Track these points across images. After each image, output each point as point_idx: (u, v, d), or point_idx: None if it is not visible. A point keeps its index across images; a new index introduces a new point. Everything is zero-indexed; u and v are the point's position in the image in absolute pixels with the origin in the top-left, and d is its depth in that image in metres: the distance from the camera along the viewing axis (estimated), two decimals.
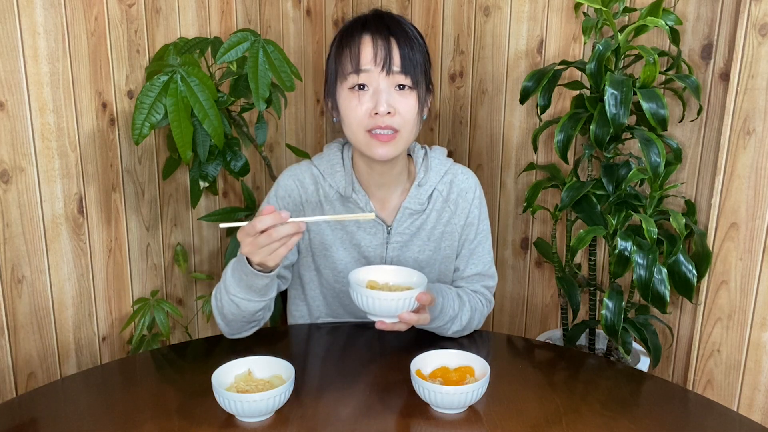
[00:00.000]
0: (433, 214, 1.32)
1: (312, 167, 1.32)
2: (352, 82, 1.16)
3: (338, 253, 1.31)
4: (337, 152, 1.31)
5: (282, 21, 2.18)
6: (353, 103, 1.16)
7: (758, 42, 1.57)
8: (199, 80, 1.49)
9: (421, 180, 1.30)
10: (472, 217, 1.34)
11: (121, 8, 1.63)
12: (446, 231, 1.33)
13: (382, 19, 1.18)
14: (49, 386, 1.10)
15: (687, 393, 1.20)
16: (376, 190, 1.30)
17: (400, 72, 1.15)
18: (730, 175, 1.66)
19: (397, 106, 1.16)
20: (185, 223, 1.93)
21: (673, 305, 1.91)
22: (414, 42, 1.18)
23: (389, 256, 1.31)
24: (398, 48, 1.14)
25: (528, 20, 1.97)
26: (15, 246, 1.47)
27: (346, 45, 1.17)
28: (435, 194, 1.32)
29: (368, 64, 1.14)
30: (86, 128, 1.59)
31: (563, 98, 1.96)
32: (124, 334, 1.77)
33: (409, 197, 1.29)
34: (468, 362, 1.08)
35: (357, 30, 1.17)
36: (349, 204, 1.28)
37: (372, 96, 1.15)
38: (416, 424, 1.00)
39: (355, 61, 1.14)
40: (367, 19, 1.19)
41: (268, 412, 1.00)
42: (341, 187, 1.28)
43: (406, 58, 1.15)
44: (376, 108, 1.14)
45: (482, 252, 1.36)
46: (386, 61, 1.13)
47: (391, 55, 1.14)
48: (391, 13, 1.21)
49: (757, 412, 1.73)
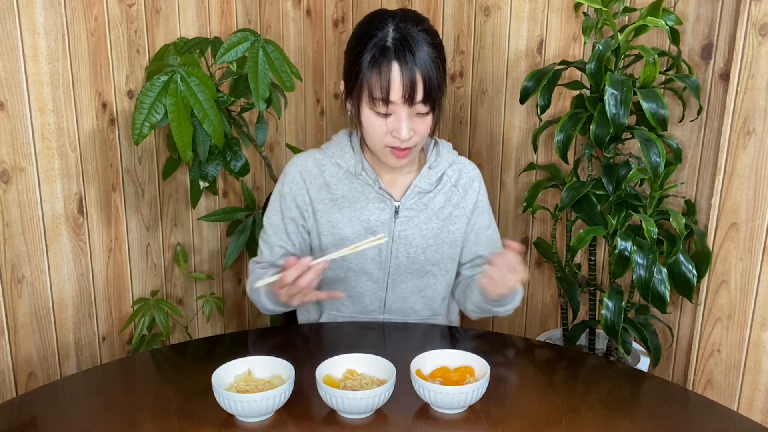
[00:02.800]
0: (441, 195, 1.37)
1: (315, 153, 1.38)
2: (378, 108, 1.22)
3: (346, 229, 1.33)
4: (345, 137, 1.38)
5: (282, 21, 2.18)
6: (376, 122, 1.24)
7: (758, 42, 1.57)
8: (199, 80, 1.49)
9: (432, 163, 1.37)
10: (482, 205, 1.42)
11: (121, 8, 1.63)
12: (454, 213, 1.37)
13: (408, 44, 1.20)
14: (49, 386, 1.10)
15: (687, 393, 1.20)
16: (385, 172, 1.36)
17: (422, 102, 1.21)
18: (730, 175, 1.66)
19: (416, 129, 1.24)
20: (185, 223, 1.93)
21: (673, 305, 1.91)
22: (437, 69, 1.22)
23: (396, 230, 1.34)
24: (422, 81, 1.19)
25: (528, 20, 1.97)
26: (15, 246, 1.47)
27: (375, 66, 1.20)
28: (444, 178, 1.38)
29: (396, 97, 1.20)
30: (86, 128, 1.59)
31: (563, 98, 1.96)
32: (124, 334, 1.77)
33: (420, 176, 1.35)
34: (468, 362, 1.08)
35: (386, 56, 1.19)
36: (359, 180, 1.34)
37: (393, 120, 1.22)
38: (416, 424, 1.00)
39: (385, 92, 1.20)
40: (397, 44, 1.20)
41: (268, 412, 1.00)
42: (351, 165, 1.34)
43: (428, 89, 1.20)
44: (397, 133, 1.22)
45: (497, 237, 1.45)
46: (411, 95, 1.19)
47: (415, 89, 1.19)
48: (416, 32, 1.21)
49: (757, 412, 1.73)
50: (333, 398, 0.98)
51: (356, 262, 1.34)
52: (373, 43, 1.21)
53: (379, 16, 1.25)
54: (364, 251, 1.28)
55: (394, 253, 1.34)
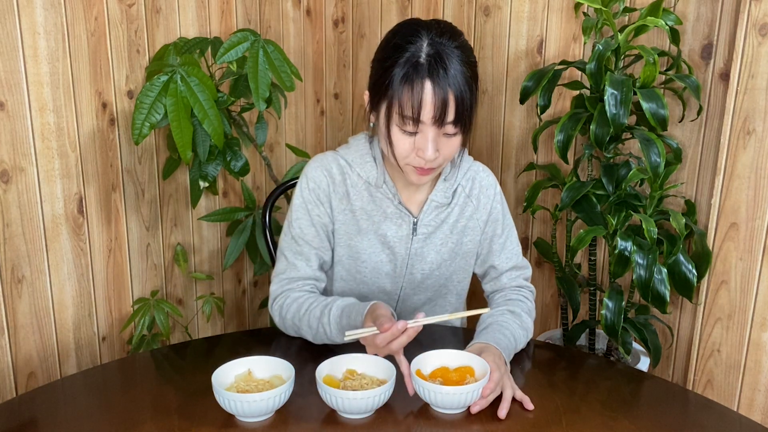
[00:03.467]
0: (457, 208, 1.34)
1: (338, 157, 1.33)
2: (407, 127, 1.17)
3: (362, 243, 1.32)
4: (366, 144, 1.32)
5: (282, 21, 2.18)
6: (402, 140, 1.18)
7: (758, 42, 1.57)
8: (199, 80, 1.49)
9: (447, 175, 1.33)
10: (495, 213, 1.36)
11: (121, 8, 1.63)
12: (468, 225, 1.35)
13: (442, 61, 1.14)
14: (49, 386, 1.10)
15: (687, 393, 1.20)
16: (404, 186, 1.32)
17: (451, 123, 1.15)
18: (730, 175, 1.66)
19: (442, 150, 1.18)
20: (185, 223, 1.93)
21: (673, 305, 1.91)
22: (470, 89, 1.16)
23: (413, 248, 1.32)
24: (454, 101, 1.14)
25: (528, 20, 1.97)
26: (15, 246, 1.47)
27: (408, 84, 1.14)
28: (459, 189, 1.34)
29: (426, 117, 1.14)
30: (86, 128, 1.59)
31: (563, 98, 1.96)
32: (124, 334, 1.77)
33: (435, 190, 1.32)
34: (468, 362, 1.08)
35: (419, 73, 1.13)
36: (378, 194, 1.30)
37: (420, 140, 1.16)
38: (416, 424, 1.00)
39: (416, 112, 1.14)
40: (431, 61, 1.13)
41: (268, 412, 1.00)
42: (372, 177, 1.30)
43: (459, 110, 1.14)
44: (422, 153, 1.16)
45: (512, 245, 1.39)
46: (441, 116, 1.14)
47: (446, 110, 1.13)
48: (451, 49, 1.15)
49: (757, 412, 1.73)
50: (333, 398, 0.98)
51: (370, 276, 1.33)
52: (406, 58, 1.14)
53: (413, 27, 1.16)
54: (378, 268, 1.29)
55: (409, 269, 1.33)
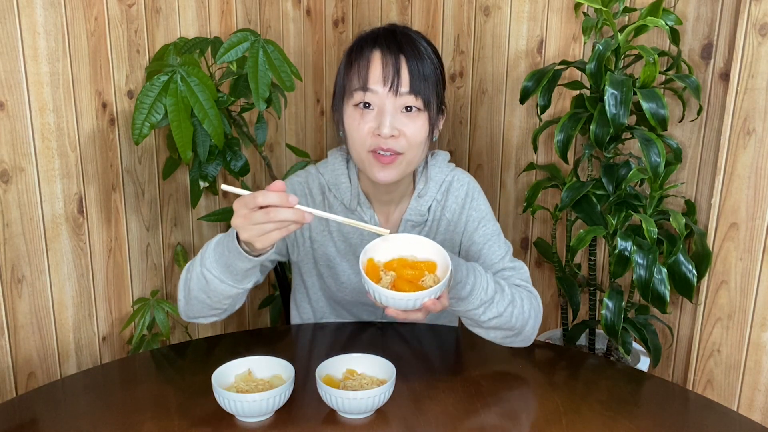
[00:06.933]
0: (433, 225, 1.30)
1: (319, 176, 1.30)
2: (357, 99, 1.12)
3: (341, 265, 1.31)
4: (342, 163, 1.27)
5: (282, 21, 2.18)
6: (357, 120, 1.12)
7: (758, 42, 1.57)
8: (199, 80, 1.49)
9: (421, 191, 1.27)
10: (471, 224, 1.29)
11: (121, 8, 1.63)
12: (446, 239, 1.31)
13: (394, 35, 1.12)
14: (49, 386, 1.10)
15: (687, 393, 1.20)
16: (381, 205, 1.28)
17: (409, 93, 1.09)
18: (730, 175, 1.66)
19: (403, 129, 1.11)
20: (185, 223, 1.93)
21: (673, 305, 1.91)
22: (426, 60, 1.12)
23: None
24: (408, 67, 1.09)
25: (528, 20, 1.97)
26: (15, 246, 1.47)
27: (355, 60, 1.12)
28: (434, 204, 1.29)
29: (376, 83, 1.09)
30: (86, 128, 1.59)
31: (563, 98, 1.96)
32: (124, 334, 1.77)
33: (409, 209, 1.27)
34: (434, 257, 0.96)
35: (368, 45, 1.12)
36: (353, 217, 1.25)
37: (376, 116, 1.10)
38: (416, 424, 1.00)
39: (363, 78, 1.10)
40: (379, 34, 1.13)
41: (268, 412, 1.00)
42: (346, 199, 1.26)
43: (416, 78, 1.09)
44: (379, 129, 1.10)
45: (496, 248, 1.27)
46: (394, 81, 1.08)
47: (399, 74, 1.08)
48: (407, 29, 1.16)
49: (757, 412, 1.73)
50: (333, 398, 0.98)
51: (351, 296, 1.31)
52: (356, 43, 1.15)
53: (368, 32, 1.17)
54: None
55: None
